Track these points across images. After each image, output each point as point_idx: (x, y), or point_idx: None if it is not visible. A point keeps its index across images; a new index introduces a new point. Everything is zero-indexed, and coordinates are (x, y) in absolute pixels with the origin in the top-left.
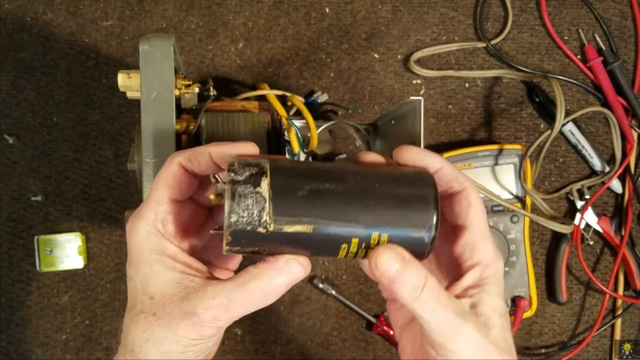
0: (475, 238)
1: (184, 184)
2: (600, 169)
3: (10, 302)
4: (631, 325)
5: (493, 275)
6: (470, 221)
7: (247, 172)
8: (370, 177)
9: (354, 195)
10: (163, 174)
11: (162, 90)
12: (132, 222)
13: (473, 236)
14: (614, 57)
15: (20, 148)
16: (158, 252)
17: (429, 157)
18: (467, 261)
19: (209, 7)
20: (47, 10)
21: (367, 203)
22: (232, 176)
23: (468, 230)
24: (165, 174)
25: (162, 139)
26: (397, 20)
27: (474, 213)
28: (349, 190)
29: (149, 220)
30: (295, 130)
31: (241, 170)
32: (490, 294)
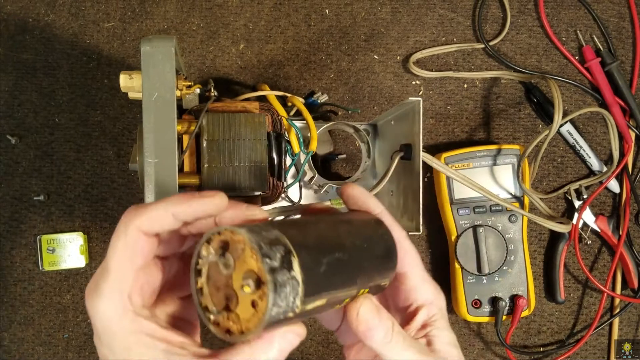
0: (416, 282)
1: (147, 249)
2: (598, 169)
3: (12, 301)
4: (629, 324)
5: (439, 311)
6: (408, 267)
7: (278, 255)
8: (359, 237)
9: (354, 261)
10: (119, 245)
11: (163, 91)
12: (94, 299)
13: (414, 281)
14: (611, 58)
15: (22, 148)
16: (133, 332)
17: (371, 201)
18: (413, 304)
19: (210, 9)
20: (49, 11)
21: (363, 266)
22: (269, 263)
23: (408, 276)
24: (122, 244)
25: (163, 140)
26: (396, 21)
27: (410, 260)
28: (351, 256)
29: (114, 300)
30: (295, 131)
31: (273, 253)
32: (440, 330)
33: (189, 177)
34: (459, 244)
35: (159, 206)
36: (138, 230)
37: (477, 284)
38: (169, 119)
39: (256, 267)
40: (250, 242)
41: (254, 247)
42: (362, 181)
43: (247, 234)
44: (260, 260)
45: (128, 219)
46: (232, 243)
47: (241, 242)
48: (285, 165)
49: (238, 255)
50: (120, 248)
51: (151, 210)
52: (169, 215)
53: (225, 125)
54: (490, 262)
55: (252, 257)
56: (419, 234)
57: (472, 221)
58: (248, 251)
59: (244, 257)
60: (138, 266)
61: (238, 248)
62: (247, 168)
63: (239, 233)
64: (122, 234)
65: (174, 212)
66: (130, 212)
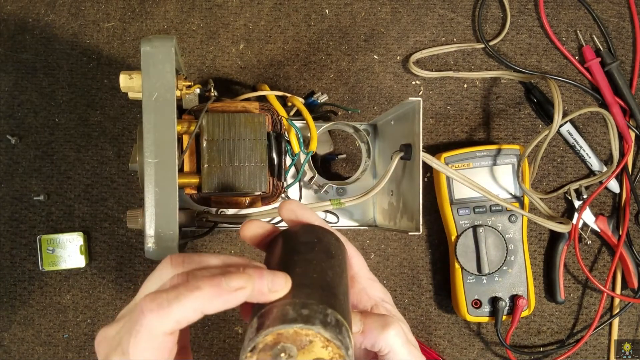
0: (365, 283)
1: (172, 346)
2: (598, 169)
3: (12, 301)
4: (629, 324)
5: (392, 308)
6: (357, 269)
7: (347, 337)
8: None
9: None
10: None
11: (163, 91)
12: None
13: (363, 282)
14: (611, 58)
15: (22, 148)
16: None
17: (307, 213)
18: (367, 303)
19: (210, 9)
20: (49, 11)
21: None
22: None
23: (357, 278)
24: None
25: (163, 140)
26: (396, 21)
27: (356, 262)
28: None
29: None
30: (295, 131)
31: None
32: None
33: (189, 177)
34: (459, 244)
35: (186, 305)
36: (164, 334)
37: (477, 284)
38: (169, 119)
39: (327, 356)
40: (332, 340)
41: (337, 345)
42: (362, 181)
43: (327, 332)
44: (342, 352)
45: (152, 320)
46: (295, 335)
47: (311, 335)
48: (285, 165)
49: (303, 345)
50: (147, 351)
51: (178, 311)
52: (197, 314)
53: (225, 125)
54: (490, 262)
55: (323, 347)
56: (419, 234)
57: (472, 221)
58: (319, 342)
59: (312, 347)
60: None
61: (304, 340)
62: (247, 168)
63: (312, 330)
64: (146, 336)
65: (203, 310)
66: (153, 312)
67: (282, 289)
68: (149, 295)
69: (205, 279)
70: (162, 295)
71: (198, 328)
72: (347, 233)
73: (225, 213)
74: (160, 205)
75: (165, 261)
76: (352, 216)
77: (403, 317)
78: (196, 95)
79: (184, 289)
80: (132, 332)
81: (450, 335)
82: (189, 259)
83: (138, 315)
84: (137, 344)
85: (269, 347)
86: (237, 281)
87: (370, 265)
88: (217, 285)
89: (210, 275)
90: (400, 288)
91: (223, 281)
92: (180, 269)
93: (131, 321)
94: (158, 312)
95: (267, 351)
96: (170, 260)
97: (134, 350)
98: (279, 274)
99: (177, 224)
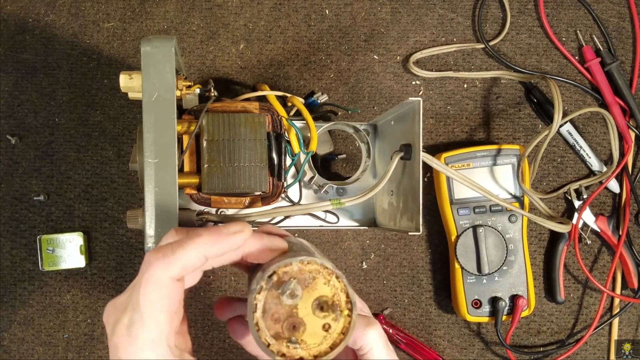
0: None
1: (180, 293)
2: (598, 169)
3: (12, 301)
4: (629, 324)
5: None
6: None
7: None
8: None
9: None
10: (154, 296)
11: (163, 91)
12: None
13: None
14: (611, 58)
15: (22, 148)
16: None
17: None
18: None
19: (209, 9)
20: (49, 11)
21: None
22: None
23: None
24: (157, 295)
25: (163, 140)
26: (396, 21)
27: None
28: None
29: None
30: (295, 131)
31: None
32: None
33: (189, 177)
34: (459, 244)
35: (190, 251)
36: (172, 280)
37: (477, 284)
38: (169, 119)
39: (330, 292)
40: (334, 270)
41: (337, 275)
42: (362, 181)
43: (329, 263)
44: (344, 284)
45: (159, 268)
46: (300, 273)
47: (313, 272)
48: (285, 165)
49: (307, 283)
50: (157, 300)
51: (183, 257)
52: (201, 259)
53: (225, 125)
54: (490, 262)
55: (325, 283)
56: (419, 234)
57: (472, 221)
58: (321, 279)
59: (315, 285)
60: (173, 312)
61: (307, 277)
62: (247, 168)
63: (315, 262)
64: (154, 284)
65: (206, 254)
66: (159, 260)
67: (281, 245)
68: (154, 248)
69: (206, 229)
70: (167, 246)
71: (198, 328)
72: (347, 233)
73: (225, 213)
74: (160, 205)
75: (171, 231)
76: (352, 216)
77: (402, 317)
78: (196, 95)
79: (186, 239)
80: (140, 284)
81: (450, 335)
82: (193, 229)
83: (146, 267)
84: (146, 293)
85: (275, 286)
86: (235, 226)
87: (370, 265)
88: (217, 231)
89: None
90: (400, 288)
91: (222, 228)
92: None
93: (139, 277)
94: (164, 259)
95: (274, 290)
96: (175, 230)
97: (144, 299)
98: (276, 237)
99: (177, 224)
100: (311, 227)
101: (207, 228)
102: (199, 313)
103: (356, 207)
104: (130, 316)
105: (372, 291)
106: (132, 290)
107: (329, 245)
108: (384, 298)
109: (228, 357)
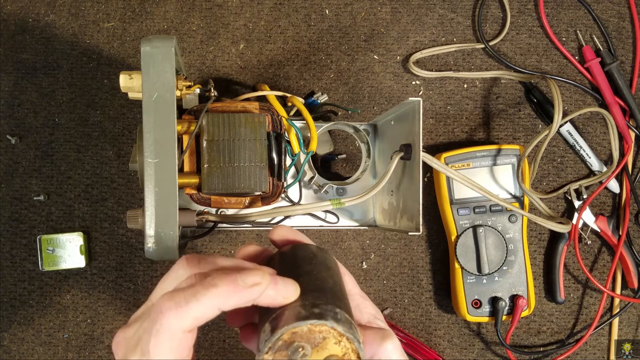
0: (358, 300)
1: (191, 343)
2: (598, 169)
3: (12, 301)
4: (629, 324)
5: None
6: (348, 287)
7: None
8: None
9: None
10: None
11: (163, 91)
12: None
13: (356, 299)
14: (611, 58)
15: (22, 148)
16: None
17: (298, 235)
18: (361, 319)
19: (209, 9)
20: (49, 11)
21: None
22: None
23: (349, 296)
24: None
25: (163, 140)
26: (396, 21)
27: (348, 280)
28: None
29: None
30: (295, 131)
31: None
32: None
33: (189, 177)
34: (459, 244)
35: (204, 303)
36: (184, 332)
37: (477, 284)
38: (169, 119)
39: (341, 352)
40: (345, 333)
41: (349, 338)
42: (362, 181)
43: (340, 326)
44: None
45: (171, 319)
46: (310, 333)
47: (324, 332)
48: (285, 165)
49: (317, 343)
50: (167, 349)
51: (196, 309)
52: (214, 311)
53: (225, 125)
54: (490, 262)
55: (336, 343)
56: (419, 234)
57: (472, 221)
58: (332, 339)
59: (325, 344)
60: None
61: (317, 337)
62: (247, 168)
63: (326, 325)
64: (165, 334)
65: (221, 307)
66: (171, 310)
67: (293, 294)
68: (167, 295)
69: (221, 277)
70: (180, 294)
71: (198, 328)
72: (347, 233)
73: (225, 213)
74: (160, 205)
75: (181, 261)
76: (352, 216)
77: (402, 317)
78: (196, 95)
79: (200, 287)
80: (151, 332)
81: (450, 335)
82: (204, 260)
83: (157, 315)
84: (157, 344)
85: (284, 346)
86: (253, 277)
87: (370, 265)
88: (233, 282)
89: (225, 273)
90: (400, 288)
91: (239, 278)
92: (196, 270)
93: (150, 320)
94: (177, 310)
95: (283, 351)
96: (186, 260)
97: (154, 349)
98: (288, 280)
99: (177, 224)
100: (311, 227)
101: (222, 276)
102: None
103: (356, 207)
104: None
105: (372, 291)
106: (142, 329)
107: (329, 245)
108: (384, 298)
109: (228, 357)
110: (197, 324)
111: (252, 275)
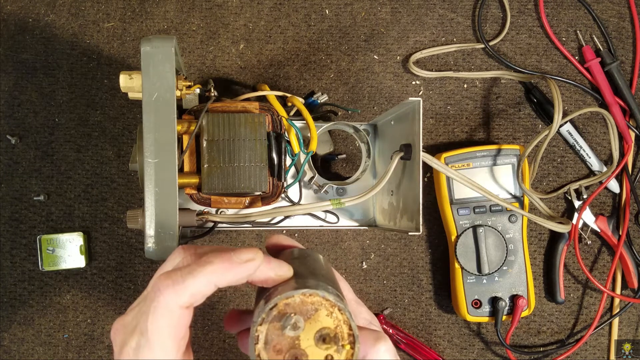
0: (353, 306)
1: (188, 320)
2: (598, 169)
3: (12, 301)
4: (629, 324)
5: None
6: (344, 293)
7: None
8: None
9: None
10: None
11: (163, 91)
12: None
13: (352, 305)
14: (611, 58)
15: (22, 148)
16: None
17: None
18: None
19: (209, 9)
20: (49, 11)
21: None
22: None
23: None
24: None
25: (163, 140)
26: (396, 21)
27: (343, 286)
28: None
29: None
30: (295, 131)
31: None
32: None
33: (189, 177)
34: (459, 244)
35: (200, 279)
36: (181, 307)
37: (477, 284)
38: (169, 119)
39: (333, 324)
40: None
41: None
42: (362, 181)
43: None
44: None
45: (168, 296)
46: (302, 305)
47: (316, 303)
48: (285, 165)
49: (309, 315)
50: (165, 327)
51: (192, 285)
52: (211, 287)
53: (225, 125)
54: (490, 262)
55: (328, 315)
56: (419, 234)
57: (472, 221)
58: (324, 310)
59: (317, 316)
60: (180, 338)
61: (309, 309)
62: (247, 168)
63: (317, 295)
64: (163, 311)
65: (216, 282)
66: (168, 288)
67: (286, 272)
68: (164, 274)
69: (216, 254)
70: (177, 272)
71: (198, 328)
72: (347, 233)
73: (225, 213)
74: (160, 205)
75: (177, 250)
76: (352, 216)
77: (402, 317)
78: (196, 95)
79: (196, 265)
80: (149, 310)
81: (450, 335)
82: (200, 249)
83: (155, 293)
84: (154, 320)
85: (277, 317)
86: (246, 254)
87: (370, 265)
88: (228, 259)
89: (220, 252)
90: (400, 288)
91: (233, 255)
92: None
93: (147, 301)
94: (173, 287)
95: (276, 322)
96: (182, 249)
97: (152, 326)
98: (282, 261)
99: (177, 224)
100: (311, 227)
101: (217, 253)
102: (199, 313)
103: (356, 207)
104: (138, 340)
105: (372, 291)
106: (140, 312)
107: (329, 245)
108: (384, 298)
109: (228, 357)
110: (193, 301)
111: (245, 252)
